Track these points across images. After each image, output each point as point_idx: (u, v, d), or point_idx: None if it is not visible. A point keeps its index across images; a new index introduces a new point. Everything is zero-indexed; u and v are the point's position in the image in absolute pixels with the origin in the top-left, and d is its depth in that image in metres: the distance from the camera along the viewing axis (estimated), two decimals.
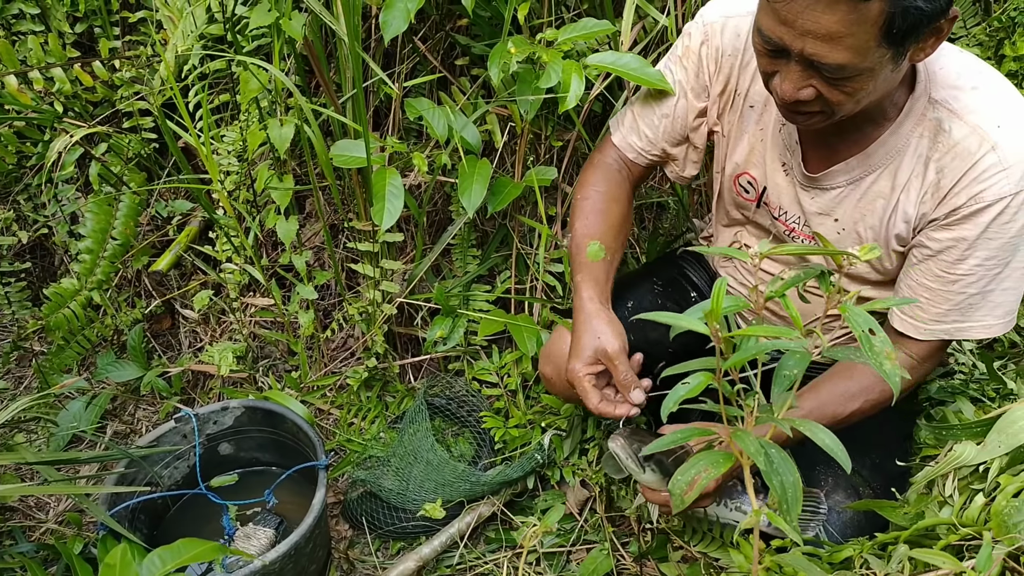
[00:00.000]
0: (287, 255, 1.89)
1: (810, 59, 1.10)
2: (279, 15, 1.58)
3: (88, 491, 1.50)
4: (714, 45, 1.41)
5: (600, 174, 1.57)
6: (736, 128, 1.45)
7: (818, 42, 1.08)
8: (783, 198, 1.44)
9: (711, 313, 0.87)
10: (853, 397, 1.33)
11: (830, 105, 1.17)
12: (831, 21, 1.05)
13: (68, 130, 1.83)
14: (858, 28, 1.05)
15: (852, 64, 1.09)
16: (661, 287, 1.67)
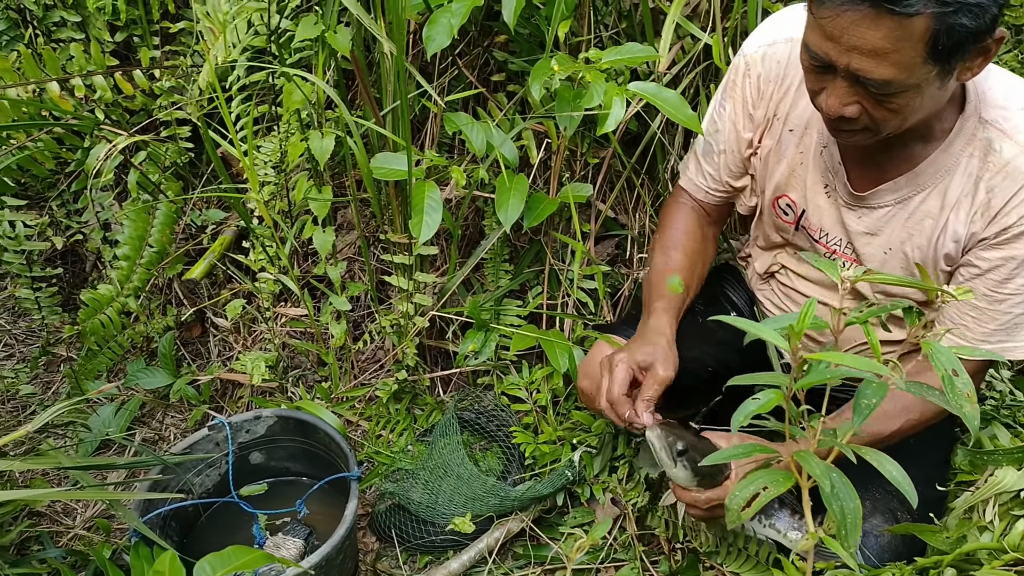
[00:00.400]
0: (322, 266, 1.90)
1: (856, 75, 1.11)
2: (325, 28, 1.60)
3: (124, 497, 1.50)
4: (755, 74, 1.43)
5: (678, 213, 1.64)
6: (775, 152, 1.46)
7: (864, 57, 1.09)
8: (824, 220, 1.44)
9: (794, 330, 0.87)
10: (895, 416, 1.33)
11: (875, 122, 1.18)
12: (877, 37, 1.06)
13: (109, 138, 1.84)
14: (904, 44, 1.06)
15: (898, 80, 1.10)
16: (703, 305, 1.67)
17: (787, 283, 1.59)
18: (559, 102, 1.61)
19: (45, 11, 2.10)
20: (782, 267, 1.59)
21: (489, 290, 2.00)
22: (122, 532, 1.91)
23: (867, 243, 1.39)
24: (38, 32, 2.06)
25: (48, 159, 1.89)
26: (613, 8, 1.83)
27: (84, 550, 1.80)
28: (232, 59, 1.78)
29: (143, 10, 2.05)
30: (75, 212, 2.29)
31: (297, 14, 1.80)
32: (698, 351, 1.60)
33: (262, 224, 1.89)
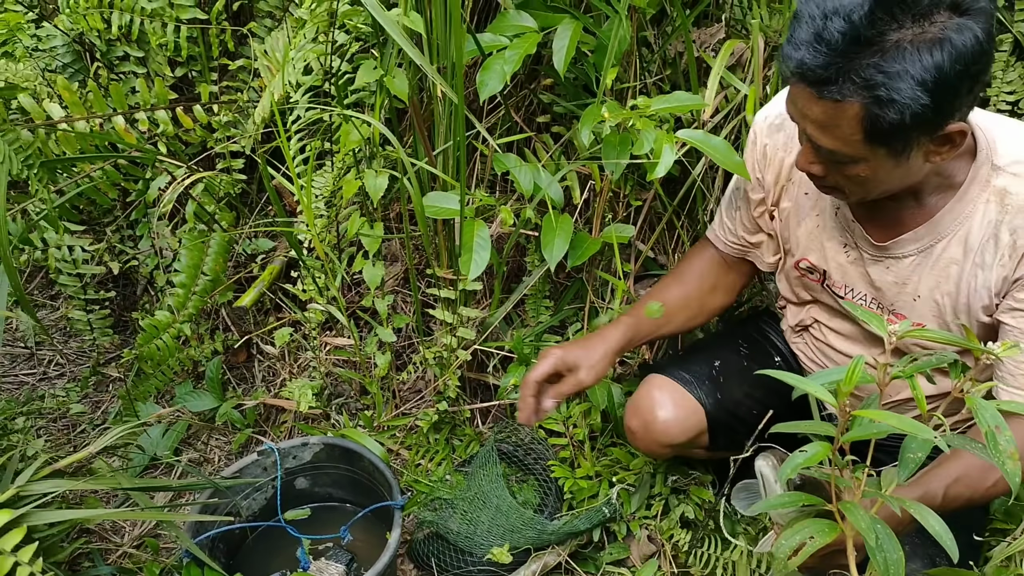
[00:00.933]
0: (369, 298, 1.96)
1: (811, 139, 1.21)
2: (383, 73, 1.67)
3: (179, 518, 1.56)
4: (761, 143, 1.52)
5: (698, 254, 1.74)
6: (794, 214, 1.52)
7: (813, 126, 1.19)
8: (848, 277, 1.49)
9: (842, 388, 0.91)
10: (956, 481, 1.32)
11: (837, 185, 1.28)
12: (818, 111, 1.16)
13: (170, 170, 1.92)
14: (841, 122, 1.15)
15: (842, 152, 1.19)
16: (747, 349, 1.72)
17: (820, 337, 1.62)
18: (606, 147, 1.66)
19: (108, 46, 2.19)
20: (815, 321, 1.62)
21: (530, 325, 2.05)
22: (168, 551, 1.97)
23: (896, 293, 1.42)
24: (101, 66, 2.15)
25: (111, 189, 1.97)
26: (658, 56, 1.89)
27: (132, 568, 1.85)
28: (290, 97, 1.85)
29: (203, 47, 2.14)
30: (128, 238, 2.37)
31: (353, 57, 1.87)
32: (742, 393, 1.65)
33: (311, 255, 1.95)
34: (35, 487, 1.41)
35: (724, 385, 1.66)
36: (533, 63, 1.98)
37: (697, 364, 1.69)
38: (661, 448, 1.66)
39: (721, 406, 1.64)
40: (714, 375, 1.67)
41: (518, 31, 1.70)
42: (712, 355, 1.71)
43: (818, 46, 1.10)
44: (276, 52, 2.00)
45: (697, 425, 1.65)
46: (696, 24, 1.91)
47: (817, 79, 1.12)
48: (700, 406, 1.65)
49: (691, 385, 1.66)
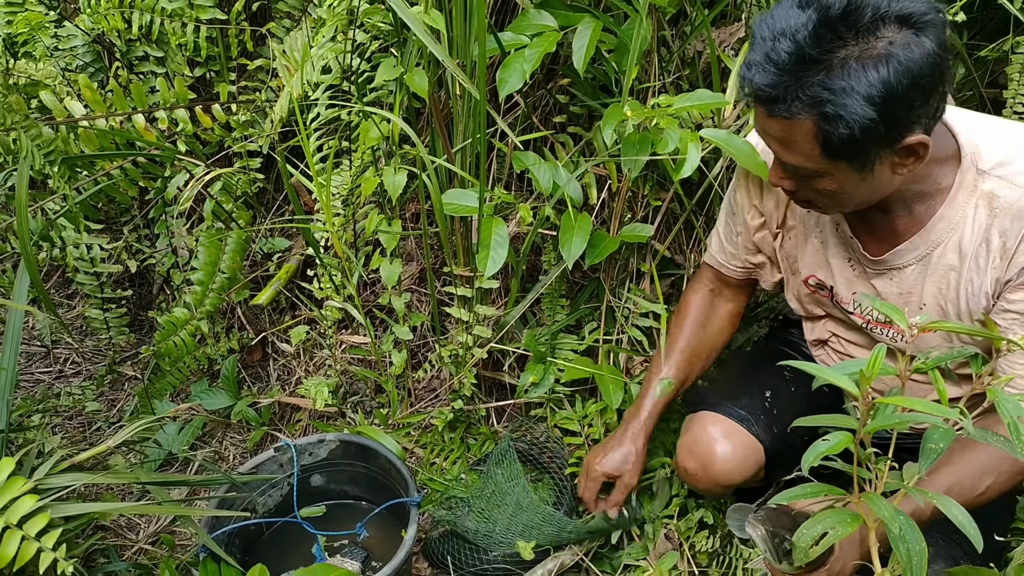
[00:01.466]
0: (386, 296, 1.96)
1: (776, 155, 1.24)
2: (403, 71, 1.67)
3: (196, 513, 1.56)
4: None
5: (696, 300, 1.76)
6: (800, 233, 1.53)
7: (776, 143, 1.22)
8: (855, 293, 1.49)
9: (865, 375, 0.91)
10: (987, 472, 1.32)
11: (810, 199, 1.30)
12: (776, 128, 1.19)
13: (189, 168, 1.93)
14: (797, 138, 1.17)
15: (804, 167, 1.21)
16: (791, 372, 1.70)
17: (840, 349, 1.62)
18: (625, 146, 1.66)
19: (128, 45, 2.20)
20: (832, 335, 1.62)
21: (546, 324, 2.05)
22: (183, 548, 1.97)
23: (903, 304, 1.42)
24: (121, 65, 2.16)
25: (131, 187, 1.98)
26: (677, 56, 1.89)
27: (148, 564, 1.86)
28: (310, 95, 1.86)
29: (222, 47, 2.15)
30: (145, 237, 2.38)
31: (372, 56, 1.88)
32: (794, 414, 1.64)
33: (328, 253, 1.96)
34: (54, 480, 1.41)
35: (778, 417, 1.64)
36: (550, 63, 1.99)
37: (749, 397, 1.67)
38: (720, 488, 1.65)
39: (777, 438, 1.62)
40: (767, 407, 1.65)
41: (538, 30, 1.71)
42: (762, 386, 1.68)
43: (767, 66, 1.12)
44: (295, 52, 2.01)
45: (756, 463, 1.63)
46: (715, 24, 1.91)
47: (767, 98, 1.14)
48: (759, 443, 1.62)
49: (747, 423, 1.63)
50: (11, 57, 2.20)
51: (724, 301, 1.76)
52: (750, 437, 1.62)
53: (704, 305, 1.75)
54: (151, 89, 2.14)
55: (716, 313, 1.76)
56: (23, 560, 1.01)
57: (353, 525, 1.81)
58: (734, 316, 1.77)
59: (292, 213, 2.24)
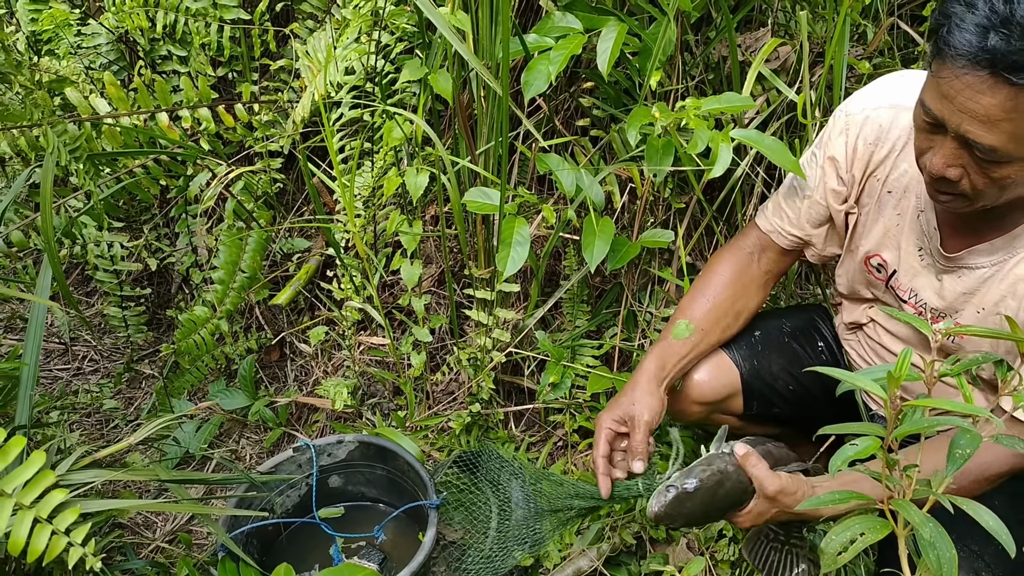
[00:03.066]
0: (407, 297, 1.96)
1: (965, 137, 1.13)
2: (428, 71, 1.67)
3: (216, 512, 1.56)
4: (854, 135, 1.46)
5: (729, 258, 1.66)
6: (873, 212, 1.49)
7: (976, 122, 1.11)
8: (916, 281, 1.46)
9: (893, 377, 0.90)
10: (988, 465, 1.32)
11: (974, 188, 1.20)
12: (991, 104, 1.08)
13: (212, 167, 1.94)
14: (1017, 115, 1.08)
15: (1004, 149, 1.12)
16: (789, 329, 1.72)
17: (874, 337, 1.60)
18: (649, 151, 1.66)
19: (151, 44, 2.21)
20: (871, 320, 1.60)
21: (567, 329, 2.04)
22: (199, 547, 1.97)
23: (963, 303, 1.39)
24: (144, 64, 2.17)
25: (153, 185, 1.99)
26: (701, 60, 1.88)
27: (165, 563, 1.85)
28: (333, 96, 1.87)
29: (245, 47, 2.16)
30: (164, 236, 2.39)
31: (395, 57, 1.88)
32: (779, 367, 1.67)
33: (349, 254, 1.96)
34: (75, 476, 1.41)
35: (762, 354, 1.66)
36: (573, 66, 1.98)
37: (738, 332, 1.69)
38: (692, 406, 1.66)
39: (757, 374, 1.64)
40: (752, 342, 1.67)
41: (563, 32, 1.71)
42: (753, 325, 1.69)
43: (1007, 30, 1.04)
44: (318, 53, 2.02)
45: (730, 385, 1.64)
46: (739, 29, 1.91)
47: (1010, 65, 1.05)
48: (735, 368, 1.65)
49: (727, 346, 1.65)
50: (35, 55, 2.21)
51: (761, 266, 1.66)
52: (727, 360, 1.65)
53: (738, 266, 1.65)
54: (174, 88, 2.15)
55: (750, 275, 1.65)
56: (52, 554, 1.01)
57: (370, 527, 1.81)
58: (768, 281, 1.69)
59: (312, 213, 2.24)
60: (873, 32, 1.99)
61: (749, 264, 1.65)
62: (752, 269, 1.65)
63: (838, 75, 1.76)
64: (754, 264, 1.65)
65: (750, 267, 1.65)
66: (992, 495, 1.44)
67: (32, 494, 1.05)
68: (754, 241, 1.66)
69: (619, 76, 1.89)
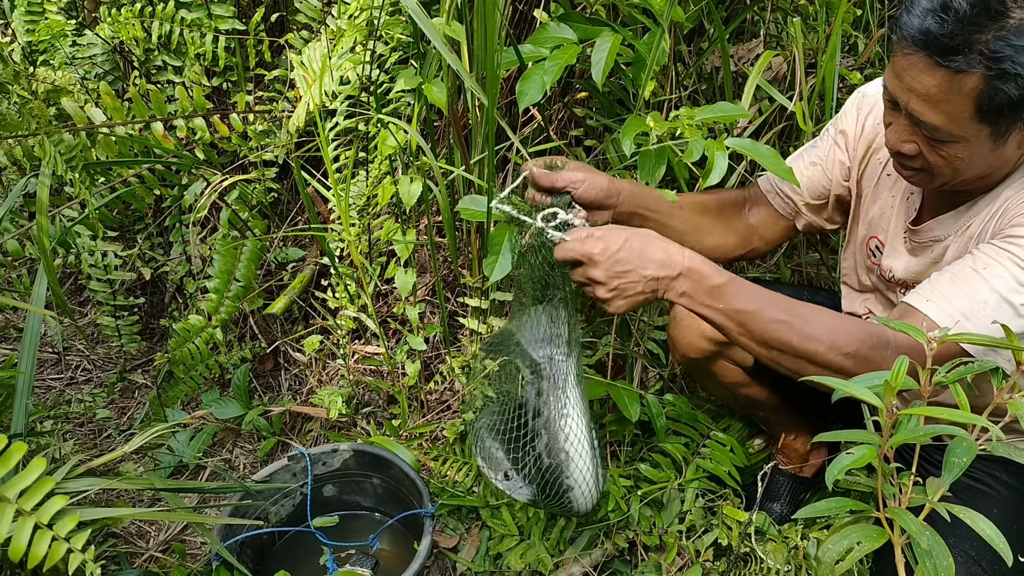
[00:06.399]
0: (401, 305, 1.96)
1: (913, 115, 1.20)
2: (422, 80, 1.68)
3: (211, 521, 1.56)
4: (864, 113, 1.53)
5: (725, 195, 1.68)
6: (872, 193, 1.53)
7: (919, 100, 1.18)
8: (895, 261, 1.50)
9: (890, 386, 0.90)
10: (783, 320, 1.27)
11: (930, 165, 1.26)
12: (931, 84, 1.15)
13: (207, 177, 1.94)
14: (953, 96, 1.14)
15: (946, 129, 1.18)
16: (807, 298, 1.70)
17: None
18: (642, 161, 1.67)
19: (146, 54, 2.22)
20: (869, 312, 1.62)
21: None
22: (193, 557, 1.96)
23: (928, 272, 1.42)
24: (139, 74, 2.18)
25: (148, 194, 1.99)
26: (694, 70, 1.90)
27: (159, 572, 1.85)
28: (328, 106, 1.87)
29: (240, 57, 2.17)
30: (159, 245, 2.39)
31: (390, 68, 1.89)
32: None
33: (344, 263, 1.96)
34: (70, 485, 1.41)
35: None
36: (567, 76, 2.00)
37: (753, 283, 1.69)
38: (700, 339, 1.68)
39: None
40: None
41: (557, 43, 1.71)
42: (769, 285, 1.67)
43: (944, 15, 1.10)
44: (313, 63, 2.02)
45: None
46: (732, 40, 1.93)
47: (942, 48, 1.11)
48: None
49: None
50: (31, 65, 2.22)
51: (750, 216, 1.68)
52: None
53: (732, 201, 1.66)
54: (169, 98, 2.16)
55: (737, 217, 1.66)
56: (53, 560, 1.01)
57: (365, 536, 1.81)
58: (749, 236, 1.67)
59: (307, 222, 2.25)
60: (864, 43, 2.01)
61: (742, 206, 1.68)
62: (742, 213, 1.68)
63: (830, 85, 1.78)
64: (745, 209, 1.68)
65: (741, 209, 1.68)
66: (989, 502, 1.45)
67: (32, 500, 1.05)
68: (751, 194, 1.69)
69: (613, 86, 1.90)
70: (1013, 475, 1.48)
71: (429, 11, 1.78)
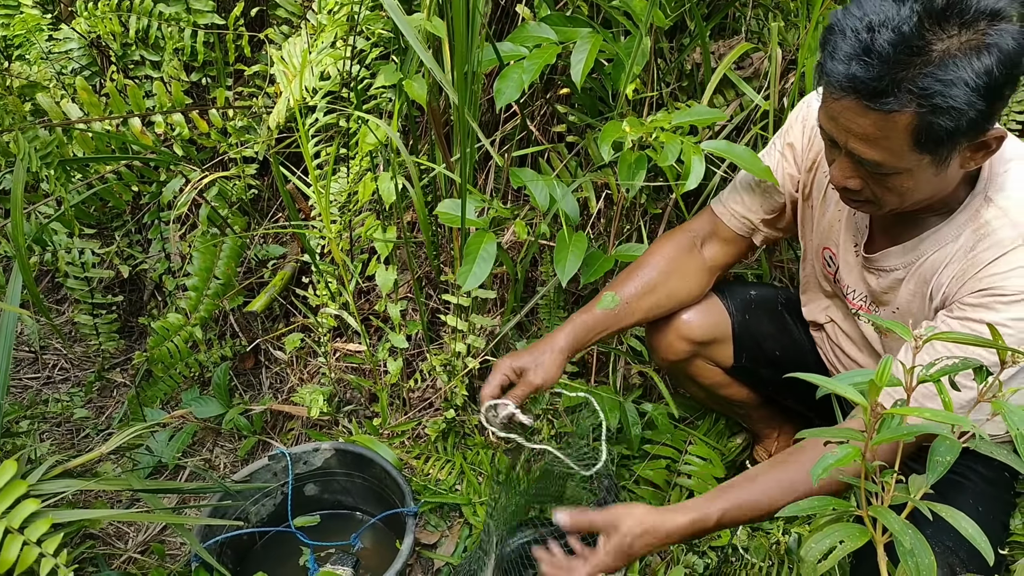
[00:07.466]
0: (383, 303, 1.95)
1: (853, 153, 1.21)
2: (403, 76, 1.67)
3: (190, 522, 1.54)
4: (811, 125, 1.50)
5: (672, 238, 1.67)
6: (821, 205, 1.53)
7: (858, 140, 1.18)
8: (850, 276, 1.51)
9: (875, 385, 0.90)
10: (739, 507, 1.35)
11: (876, 196, 1.27)
12: (866, 124, 1.15)
13: (186, 173, 1.92)
14: (890, 133, 1.15)
15: (888, 163, 1.19)
16: (784, 300, 1.75)
17: (834, 339, 1.63)
18: (622, 165, 1.66)
19: (124, 49, 2.19)
20: (831, 320, 1.63)
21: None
22: (172, 558, 1.95)
23: (886, 302, 1.45)
24: (116, 69, 2.15)
25: (126, 191, 1.97)
26: (675, 67, 1.90)
27: (137, 574, 1.83)
28: (308, 102, 1.86)
29: (220, 52, 2.14)
30: (137, 243, 2.36)
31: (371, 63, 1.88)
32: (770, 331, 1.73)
33: (325, 260, 1.95)
34: (46, 486, 1.39)
35: (755, 312, 1.70)
36: (549, 73, 1.99)
37: (734, 284, 1.75)
38: (678, 341, 1.68)
39: (747, 328, 1.68)
40: (747, 300, 1.71)
41: (537, 42, 1.71)
42: (751, 287, 1.75)
43: (867, 58, 1.10)
44: (293, 58, 2.00)
45: (719, 327, 1.68)
46: (713, 37, 1.92)
47: (871, 91, 1.11)
48: (727, 314, 1.69)
49: (722, 294, 1.69)
50: (5, 60, 2.18)
51: (705, 252, 1.67)
52: (719, 305, 1.70)
53: (679, 247, 1.65)
54: (147, 93, 2.13)
55: (690, 259, 1.66)
56: (24, 565, 0.99)
57: (347, 535, 1.80)
58: (711, 270, 1.68)
59: (287, 220, 2.23)
60: None
61: (691, 248, 1.66)
62: (694, 253, 1.66)
63: (810, 82, 1.77)
64: (696, 249, 1.66)
65: (692, 251, 1.66)
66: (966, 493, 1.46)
67: (3, 504, 1.03)
68: (703, 224, 1.67)
69: (595, 84, 1.90)
70: (989, 467, 1.49)
71: (411, 6, 1.77)
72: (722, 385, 1.81)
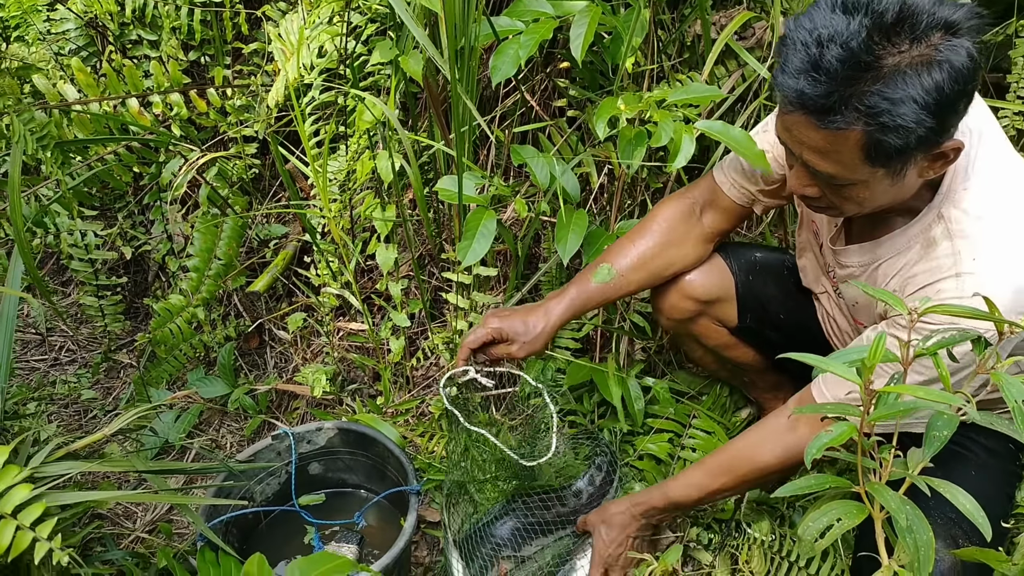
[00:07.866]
0: (384, 282, 1.95)
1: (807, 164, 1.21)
2: (399, 53, 1.65)
3: (195, 502, 1.55)
4: None
5: (670, 205, 1.66)
6: None
7: (811, 152, 1.18)
8: (828, 255, 1.51)
9: (866, 364, 0.89)
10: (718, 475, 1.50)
11: (834, 204, 1.27)
12: (817, 138, 1.15)
13: (184, 153, 1.91)
14: (841, 147, 1.14)
15: (841, 175, 1.19)
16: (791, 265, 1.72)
17: (829, 310, 1.62)
18: (621, 141, 1.63)
19: (121, 29, 2.18)
20: (824, 291, 1.62)
21: None
22: (180, 537, 1.96)
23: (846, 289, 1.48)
24: (114, 49, 2.14)
25: (125, 172, 1.96)
26: (676, 39, 1.87)
27: (145, 553, 1.85)
28: (305, 79, 1.84)
29: (217, 31, 2.12)
30: (140, 224, 2.36)
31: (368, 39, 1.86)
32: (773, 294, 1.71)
33: (325, 239, 1.94)
34: (50, 468, 1.40)
35: (759, 274, 1.69)
36: (549, 46, 1.97)
37: (737, 246, 1.74)
38: (682, 300, 1.68)
39: (751, 289, 1.68)
40: (752, 261, 1.70)
41: (535, 16, 1.68)
42: (755, 249, 1.74)
43: (816, 74, 1.09)
44: (291, 35, 1.99)
45: (722, 286, 1.67)
46: (715, 7, 1.89)
47: (818, 108, 1.11)
48: (730, 273, 1.68)
49: (725, 254, 1.68)
50: (3, 41, 2.17)
51: (704, 220, 1.65)
52: (723, 263, 1.69)
53: (678, 215, 1.63)
54: (145, 73, 2.12)
55: (689, 227, 1.64)
56: (18, 550, 0.99)
57: (351, 513, 1.80)
58: (710, 237, 1.66)
59: (288, 199, 2.22)
60: None
61: (690, 215, 1.64)
62: (692, 221, 1.64)
63: None
64: (695, 216, 1.64)
65: (690, 219, 1.64)
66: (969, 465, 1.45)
67: None
68: (703, 192, 1.64)
69: (595, 58, 1.87)
70: (992, 438, 1.47)
71: None
72: (728, 346, 1.79)
